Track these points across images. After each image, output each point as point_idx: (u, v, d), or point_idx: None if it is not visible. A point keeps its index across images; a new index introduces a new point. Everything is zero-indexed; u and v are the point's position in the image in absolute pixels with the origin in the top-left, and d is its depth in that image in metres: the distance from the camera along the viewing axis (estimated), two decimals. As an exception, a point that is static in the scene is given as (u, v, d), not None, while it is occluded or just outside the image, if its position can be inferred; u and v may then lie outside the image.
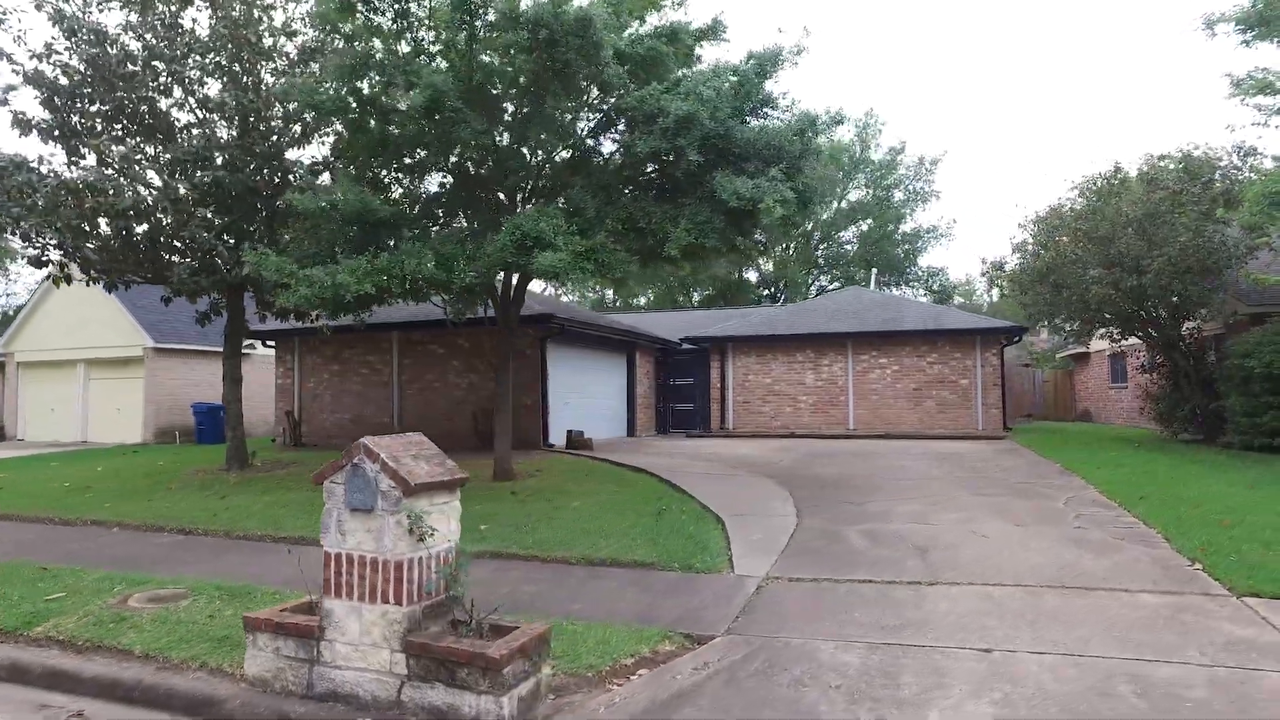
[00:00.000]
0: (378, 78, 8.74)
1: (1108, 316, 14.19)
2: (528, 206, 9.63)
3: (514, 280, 10.89)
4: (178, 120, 10.55)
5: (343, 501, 4.18)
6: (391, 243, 9.28)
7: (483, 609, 4.11)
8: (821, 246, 40.04)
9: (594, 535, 7.32)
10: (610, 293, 44.31)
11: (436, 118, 8.65)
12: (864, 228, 39.00)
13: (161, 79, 10.33)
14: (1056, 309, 14.25)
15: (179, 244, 10.12)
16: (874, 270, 31.79)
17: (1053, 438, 16.10)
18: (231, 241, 10.57)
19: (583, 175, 9.41)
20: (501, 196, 10.03)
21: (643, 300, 43.45)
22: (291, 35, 11.18)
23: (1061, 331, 15.75)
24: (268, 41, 11.01)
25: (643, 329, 23.16)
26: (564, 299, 45.24)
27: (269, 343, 17.74)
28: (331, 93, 8.67)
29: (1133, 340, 16.01)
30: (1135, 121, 66.04)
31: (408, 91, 8.22)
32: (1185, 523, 6.98)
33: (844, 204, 38.86)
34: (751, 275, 41.87)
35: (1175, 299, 13.15)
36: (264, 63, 10.72)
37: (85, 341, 19.96)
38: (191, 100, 10.47)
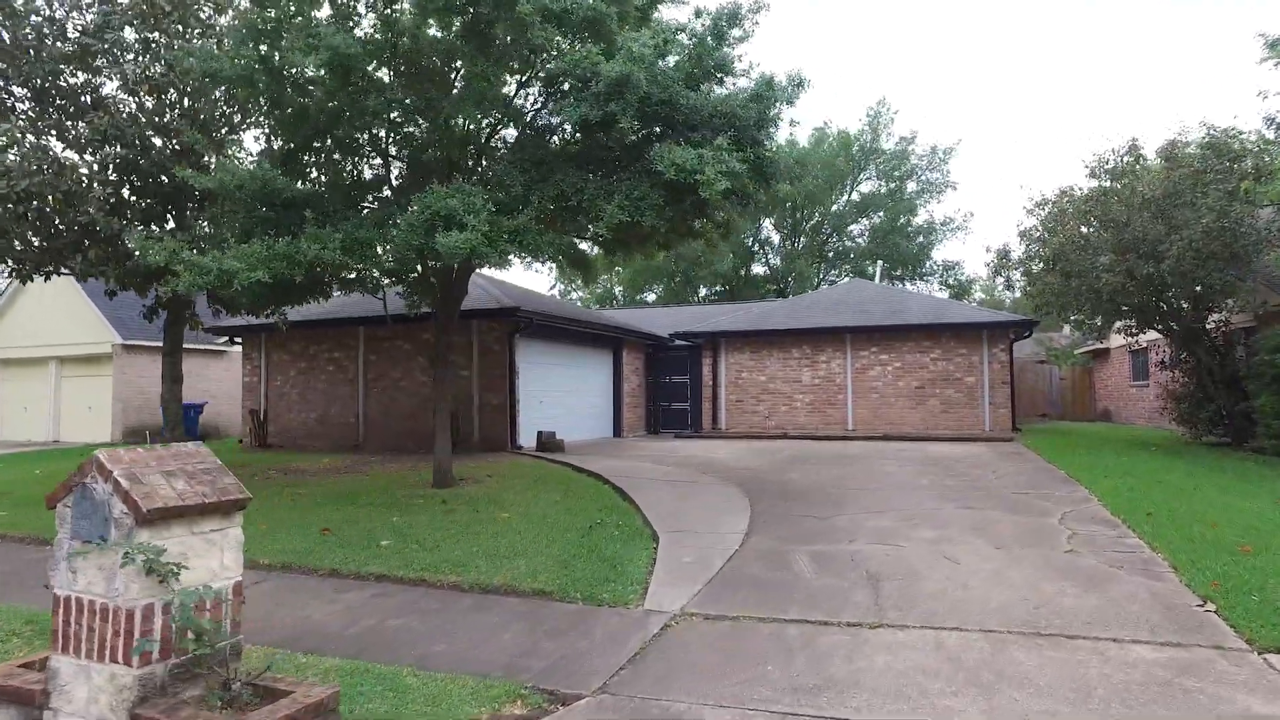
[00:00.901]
0: (285, 42, 7.84)
1: (1123, 308, 12.92)
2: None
3: (454, 268, 9.95)
4: (88, 97, 9.75)
5: (71, 531, 3.26)
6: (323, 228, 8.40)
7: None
8: (832, 240, 38.69)
9: (504, 556, 6.35)
10: (619, 288, 43.38)
11: (349, 89, 7.75)
12: (876, 220, 37.60)
13: (75, 49, 9.53)
14: (1066, 300, 13.00)
15: (77, 227, 9.31)
16: (879, 262, 30.42)
17: (1064, 440, 14.85)
18: (142, 228, 9.75)
19: (513, 150, 8.44)
20: (432, 176, 9.08)
21: (652, 296, 42.44)
22: (221, 9, 10.34)
23: (1071, 324, 14.47)
24: (201, 13, 10.20)
25: (634, 324, 22.15)
26: (573, 296, 44.35)
27: (237, 339, 17.01)
28: (230, 59, 7.78)
29: (1154, 335, 14.71)
30: (1158, 102, 63.62)
31: (309, 55, 7.30)
32: (1198, 547, 5.85)
33: (855, 195, 37.52)
34: (760, 269, 40.70)
35: (1198, 288, 11.87)
36: (188, 33, 9.87)
37: (56, 338, 19.41)
38: (105, 75, 9.67)
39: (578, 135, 8.23)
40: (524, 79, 8.37)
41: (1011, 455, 12.45)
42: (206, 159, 9.41)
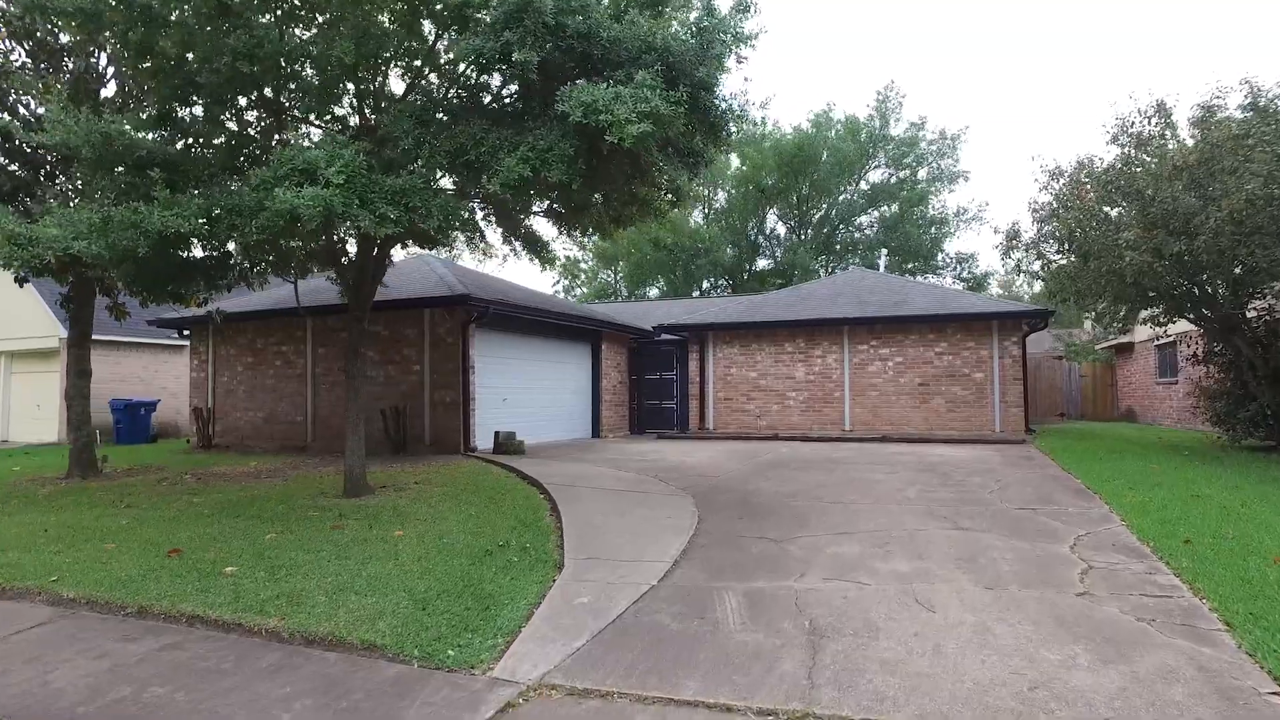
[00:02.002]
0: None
1: (1149, 294, 11.36)
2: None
3: (375, 246, 8.65)
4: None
5: None
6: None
7: None
8: (840, 231, 37.05)
9: (358, 589, 5.02)
10: (619, 278, 42.03)
11: (210, 28, 6.45)
12: (887, 212, 35.90)
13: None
14: (1084, 285, 11.44)
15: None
16: (884, 250, 28.78)
17: (1082, 443, 13.29)
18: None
19: (406, 98, 7.09)
20: (313, 131, 7.77)
21: (655, 291, 41.02)
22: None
23: (1091, 315, 12.90)
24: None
25: (616, 317, 20.80)
26: (580, 291, 43.06)
27: (185, 332, 15.85)
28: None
29: (1184, 326, 13.12)
30: (1184, 68, 60.96)
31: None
32: (1258, 592, 4.39)
33: (864, 184, 35.84)
34: (766, 263, 39.15)
35: (1237, 269, 10.31)
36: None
37: (6, 332, 18.38)
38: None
39: (476, 78, 6.86)
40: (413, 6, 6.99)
41: (1021, 460, 10.95)
42: (43, 109, 8.10)
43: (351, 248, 9.63)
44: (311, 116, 7.30)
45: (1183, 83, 28.36)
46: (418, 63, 7.43)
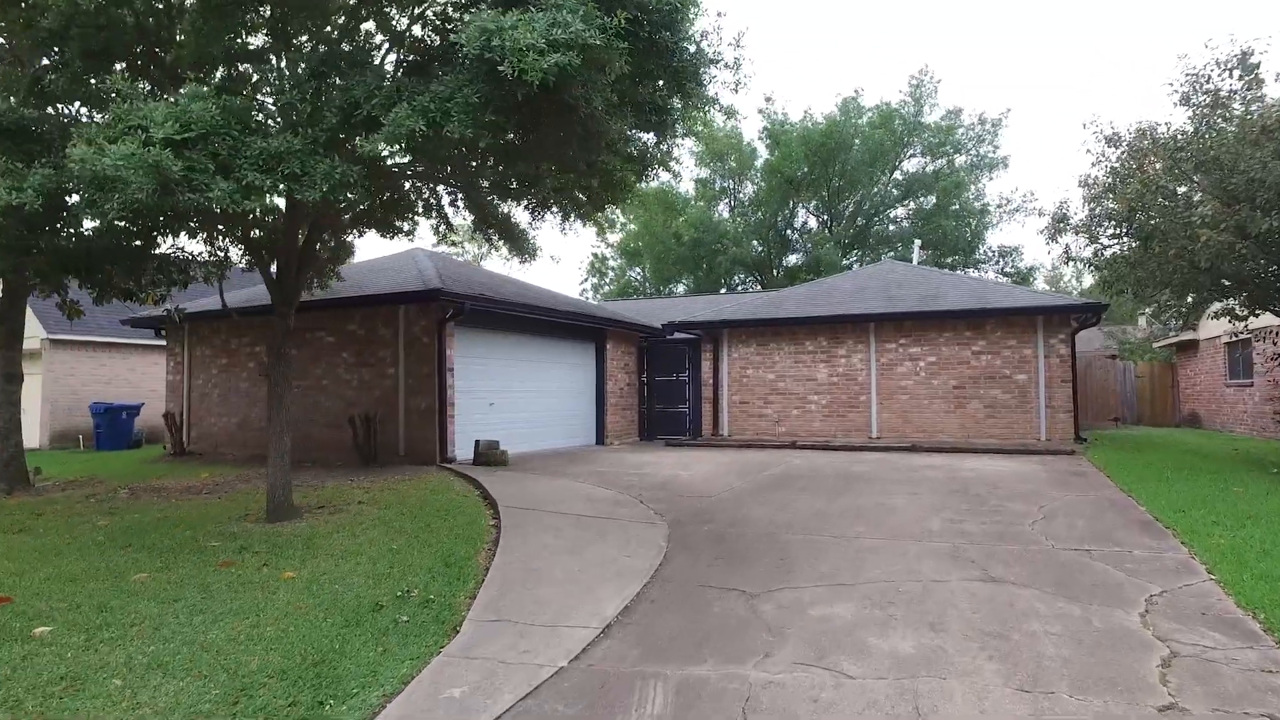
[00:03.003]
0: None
1: (1225, 282, 9.62)
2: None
3: (301, 231, 7.48)
4: None
5: None
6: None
7: None
8: (875, 223, 35.12)
9: (175, 670, 3.80)
10: (646, 275, 40.66)
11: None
12: (925, 204, 33.87)
13: None
14: (1146, 273, 9.74)
15: None
16: (917, 241, 26.86)
17: (1142, 455, 11.56)
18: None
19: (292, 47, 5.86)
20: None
21: (681, 288, 39.60)
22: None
23: (1151, 308, 11.14)
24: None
25: (631, 315, 19.49)
26: (608, 289, 41.86)
27: (162, 331, 15.02)
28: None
29: (1267, 320, 11.28)
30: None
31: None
32: None
33: (898, 174, 33.86)
34: (796, 258, 37.38)
35: (1339, 250, 8.56)
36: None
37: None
38: None
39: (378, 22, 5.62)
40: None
41: (1070, 478, 9.33)
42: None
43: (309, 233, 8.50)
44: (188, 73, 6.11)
45: (1272, 27, 25.08)
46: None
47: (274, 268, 7.68)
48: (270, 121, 5.15)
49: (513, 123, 4.94)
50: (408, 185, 8.61)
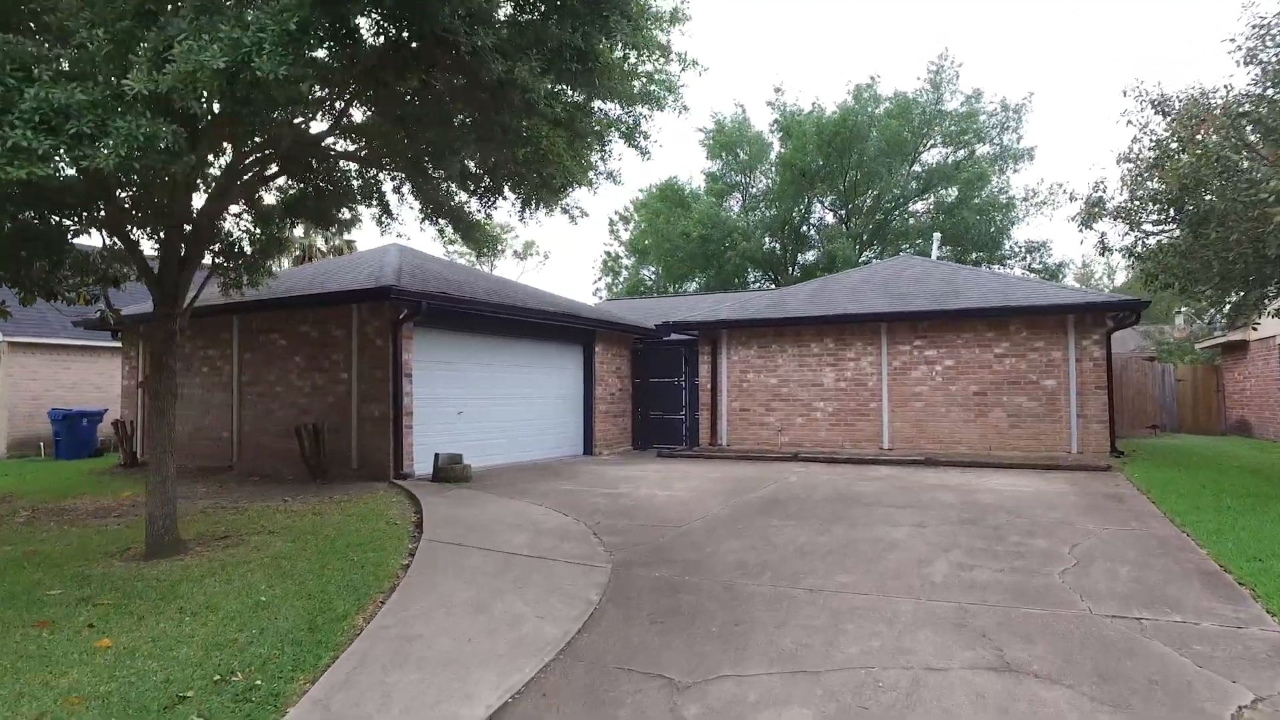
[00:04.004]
0: None
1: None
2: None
3: (190, 217, 6.36)
4: None
5: None
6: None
7: None
8: (893, 218, 33.51)
9: None
10: (659, 274, 39.38)
11: None
12: (948, 197, 32.18)
13: None
14: (1201, 264, 8.29)
15: None
16: (936, 235, 25.27)
17: (1192, 473, 10.09)
18: None
19: None
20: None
21: (693, 287, 38.26)
22: None
23: (1201, 301, 9.66)
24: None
25: (627, 315, 18.28)
26: (620, 288, 40.67)
27: (117, 334, 14.09)
28: None
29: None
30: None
31: None
32: None
33: (917, 167, 32.22)
34: (813, 256, 35.88)
35: None
36: None
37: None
38: None
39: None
40: None
41: (1107, 503, 7.94)
42: None
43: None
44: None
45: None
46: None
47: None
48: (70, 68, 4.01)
49: (358, 68, 3.75)
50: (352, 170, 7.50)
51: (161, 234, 6.41)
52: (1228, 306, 10.10)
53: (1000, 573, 5.34)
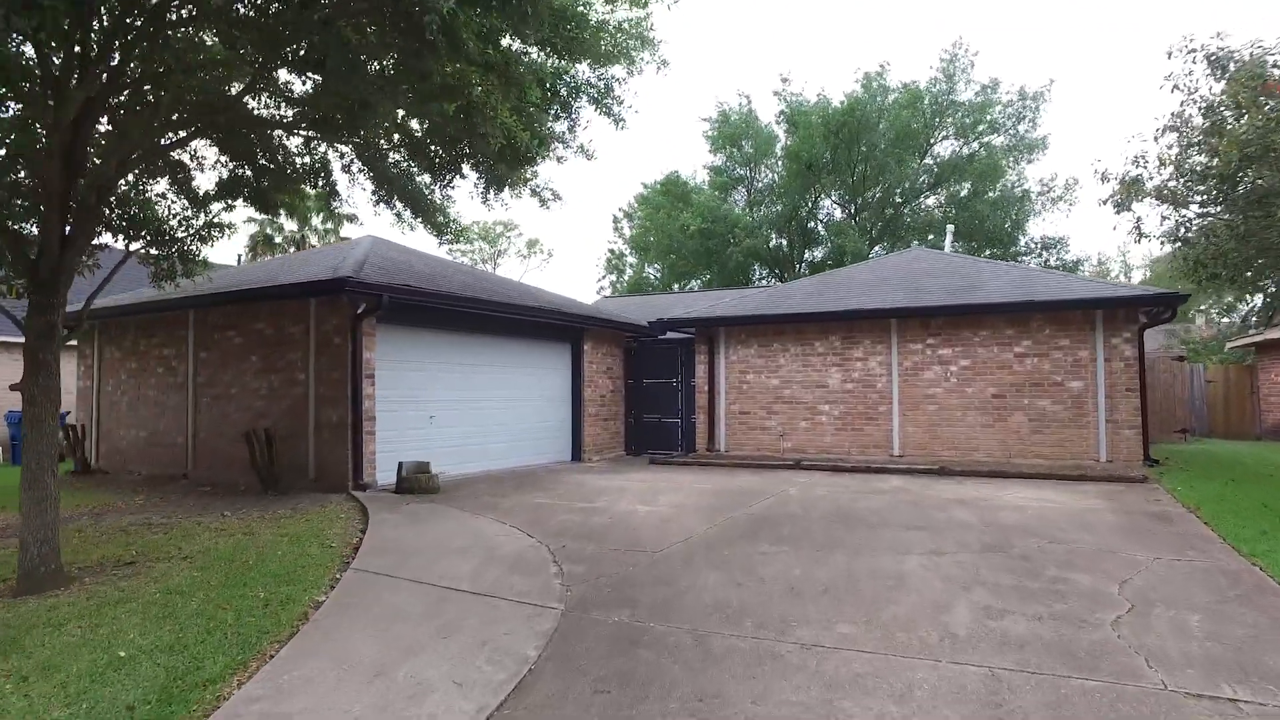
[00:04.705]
0: None
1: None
2: None
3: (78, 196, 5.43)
4: None
5: None
6: None
7: None
8: (904, 213, 32.35)
9: None
10: (665, 271, 38.35)
11: None
12: (961, 191, 30.99)
13: None
14: (1257, 246, 7.21)
15: None
16: (950, 227, 24.14)
17: (1242, 487, 8.99)
18: None
19: None
20: None
21: (696, 284, 37.19)
22: None
23: (1262, 295, 8.57)
24: None
25: (621, 312, 17.30)
26: (610, 291, 39.72)
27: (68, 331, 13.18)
28: None
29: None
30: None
31: None
32: None
33: (929, 159, 31.05)
34: (821, 251, 34.77)
35: None
36: None
37: None
38: None
39: None
40: None
41: (1152, 523, 6.88)
42: None
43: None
44: None
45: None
46: None
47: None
48: None
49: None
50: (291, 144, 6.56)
51: (39, 209, 5.46)
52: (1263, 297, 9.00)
53: (1038, 621, 4.31)
